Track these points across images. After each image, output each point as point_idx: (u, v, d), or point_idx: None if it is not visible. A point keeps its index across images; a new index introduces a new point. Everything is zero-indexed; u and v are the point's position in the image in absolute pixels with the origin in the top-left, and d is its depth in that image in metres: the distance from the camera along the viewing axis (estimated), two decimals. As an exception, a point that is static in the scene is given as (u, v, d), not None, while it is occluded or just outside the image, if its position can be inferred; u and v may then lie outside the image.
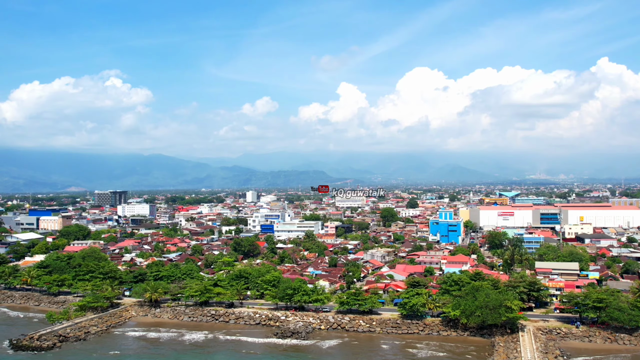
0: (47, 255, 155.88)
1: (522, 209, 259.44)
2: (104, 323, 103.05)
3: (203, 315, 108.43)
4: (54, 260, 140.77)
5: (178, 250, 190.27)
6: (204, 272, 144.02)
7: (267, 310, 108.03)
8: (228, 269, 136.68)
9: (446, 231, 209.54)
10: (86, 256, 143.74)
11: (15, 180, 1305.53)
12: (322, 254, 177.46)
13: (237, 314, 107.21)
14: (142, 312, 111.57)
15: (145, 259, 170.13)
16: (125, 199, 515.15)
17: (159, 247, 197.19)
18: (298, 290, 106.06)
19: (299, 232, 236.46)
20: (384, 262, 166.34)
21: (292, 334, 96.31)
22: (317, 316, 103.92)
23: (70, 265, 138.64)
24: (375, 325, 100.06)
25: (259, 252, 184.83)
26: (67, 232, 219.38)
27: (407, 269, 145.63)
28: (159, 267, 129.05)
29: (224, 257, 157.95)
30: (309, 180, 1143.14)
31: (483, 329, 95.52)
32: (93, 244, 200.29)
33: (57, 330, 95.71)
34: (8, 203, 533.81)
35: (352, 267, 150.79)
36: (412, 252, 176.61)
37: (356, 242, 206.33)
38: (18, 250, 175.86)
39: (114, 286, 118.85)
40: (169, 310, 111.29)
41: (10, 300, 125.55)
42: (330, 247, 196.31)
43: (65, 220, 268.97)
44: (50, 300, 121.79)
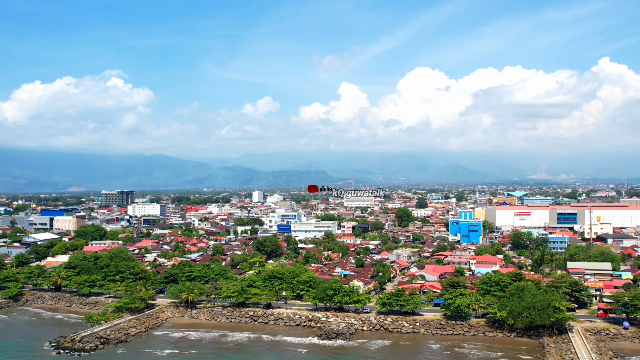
0: (72, 256, 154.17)
1: (539, 209, 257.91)
2: (142, 324, 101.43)
3: (241, 316, 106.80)
4: (81, 260, 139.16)
5: (199, 251, 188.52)
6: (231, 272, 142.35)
7: (306, 311, 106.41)
8: (259, 269, 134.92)
9: (467, 231, 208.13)
10: (113, 256, 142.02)
11: (17, 180, 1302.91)
12: (346, 254, 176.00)
13: (277, 315, 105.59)
14: (178, 313, 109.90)
15: (168, 259, 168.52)
16: (132, 199, 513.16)
17: (179, 247, 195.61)
18: (339, 291, 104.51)
19: (316, 232, 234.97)
20: (410, 262, 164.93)
21: (336, 335, 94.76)
22: (358, 317, 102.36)
23: (98, 265, 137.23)
24: (419, 326, 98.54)
25: (282, 252, 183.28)
26: (84, 232, 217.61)
27: (437, 269, 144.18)
28: (191, 268, 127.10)
29: (254, 258, 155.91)
30: (310, 180, 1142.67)
31: (530, 330, 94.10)
32: (112, 244, 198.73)
33: (97, 332, 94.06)
34: (14, 203, 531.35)
35: (381, 267, 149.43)
36: (436, 252, 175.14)
37: (377, 242, 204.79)
38: (39, 251, 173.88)
39: (147, 287, 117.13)
40: (205, 311, 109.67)
41: (41, 301, 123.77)
42: (352, 247, 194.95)
43: (80, 220, 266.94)
44: (81, 302, 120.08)
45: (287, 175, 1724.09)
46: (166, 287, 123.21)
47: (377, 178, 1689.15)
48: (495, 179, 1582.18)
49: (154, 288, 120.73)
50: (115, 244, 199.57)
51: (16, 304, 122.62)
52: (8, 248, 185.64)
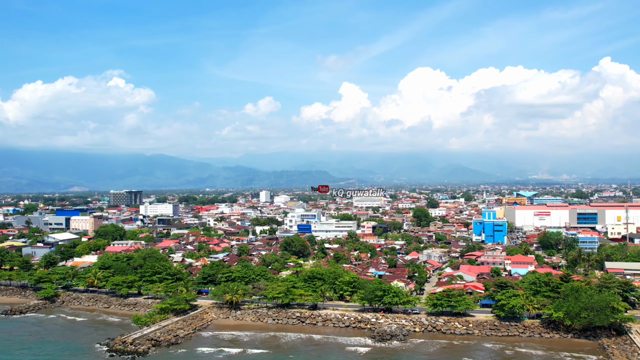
0: (101, 256, 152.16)
1: (559, 209, 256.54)
2: (189, 326, 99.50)
3: (288, 317, 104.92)
4: (114, 261, 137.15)
5: (224, 251, 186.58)
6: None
7: (354, 313, 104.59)
8: (296, 270, 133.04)
9: (492, 231, 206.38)
10: (146, 257, 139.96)
11: (18, 180, 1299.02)
12: (375, 254, 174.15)
13: (324, 316, 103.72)
14: (222, 315, 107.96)
15: (196, 260, 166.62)
16: (141, 199, 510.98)
17: (203, 247, 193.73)
18: (388, 292, 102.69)
19: (337, 232, 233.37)
20: (441, 262, 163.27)
21: (390, 336, 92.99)
22: (409, 318, 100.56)
23: (130, 266, 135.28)
24: (472, 328, 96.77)
25: (308, 252, 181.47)
26: (105, 233, 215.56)
27: (472, 269, 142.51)
28: (230, 268, 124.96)
29: (289, 258, 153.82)
30: (311, 180, 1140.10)
31: (587, 331, 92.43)
32: (134, 244, 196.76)
33: (147, 334, 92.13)
34: (20, 203, 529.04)
35: (415, 267, 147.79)
36: (466, 252, 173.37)
37: (401, 242, 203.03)
38: (65, 251, 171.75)
39: (188, 288, 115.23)
40: (250, 312, 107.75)
41: (77, 302, 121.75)
42: (378, 248, 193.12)
43: (97, 220, 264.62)
44: (120, 303, 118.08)
45: (288, 175, 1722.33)
46: (204, 288, 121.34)
47: (379, 178, 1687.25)
48: (496, 179, 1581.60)
49: (194, 289, 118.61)
50: (138, 244, 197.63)
51: (52, 305, 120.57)
52: (32, 248, 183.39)
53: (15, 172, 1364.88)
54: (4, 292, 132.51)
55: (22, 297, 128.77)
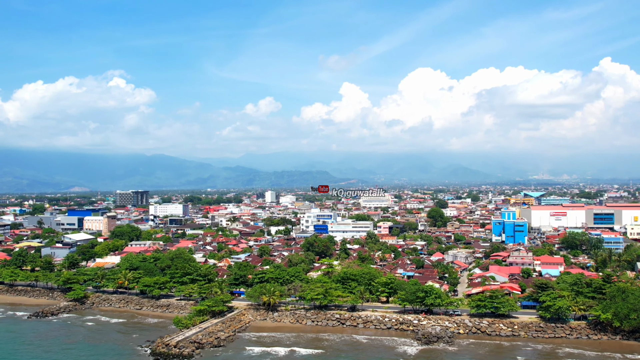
0: (125, 257, 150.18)
1: (575, 209, 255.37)
2: (228, 328, 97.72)
3: (327, 319, 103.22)
4: (141, 261, 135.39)
5: (244, 251, 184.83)
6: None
7: (395, 314, 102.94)
8: (328, 270, 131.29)
9: (512, 231, 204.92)
10: (174, 257, 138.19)
11: (19, 181, 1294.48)
12: (399, 255, 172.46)
13: (364, 318, 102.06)
14: (259, 316, 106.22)
15: (219, 260, 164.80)
16: (147, 199, 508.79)
17: (222, 247, 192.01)
18: (430, 293, 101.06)
19: (354, 233, 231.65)
20: (467, 263, 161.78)
21: (437, 338, 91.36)
22: (451, 320, 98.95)
23: (158, 266, 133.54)
24: (517, 329, 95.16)
25: (331, 252, 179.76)
26: (121, 233, 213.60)
27: (502, 270, 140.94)
28: (264, 270, 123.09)
29: (327, 260, 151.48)
30: (312, 180, 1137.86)
31: (636, 333, 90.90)
32: (152, 245, 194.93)
33: (189, 336, 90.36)
34: (25, 203, 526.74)
35: (443, 268, 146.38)
36: (491, 253, 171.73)
37: (422, 242, 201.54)
38: (85, 252, 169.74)
39: (223, 289, 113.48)
40: (287, 314, 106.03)
41: (107, 304, 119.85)
42: (399, 248, 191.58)
43: (110, 220, 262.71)
44: (152, 304, 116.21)
45: (289, 176, 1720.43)
46: (236, 289, 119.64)
47: (379, 178, 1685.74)
48: (497, 179, 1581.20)
49: (227, 290, 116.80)
50: (156, 245, 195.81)
51: (82, 306, 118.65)
52: (51, 249, 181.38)
53: (15, 172, 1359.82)
54: (30, 293, 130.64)
55: (49, 298, 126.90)
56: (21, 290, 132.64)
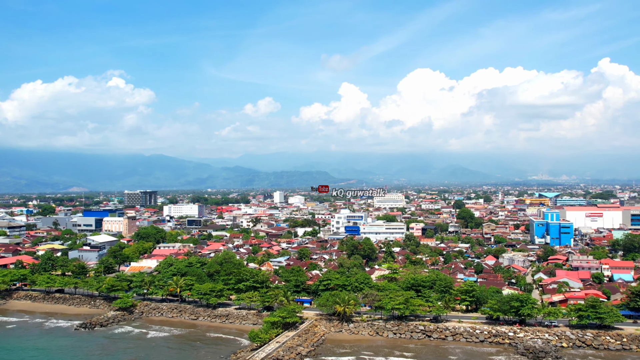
0: (164, 261, 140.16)
1: (611, 210, 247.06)
2: (306, 342, 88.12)
3: (410, 331, 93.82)
4: (187, 266, 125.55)
5: (283, 254, 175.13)
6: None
7: (486, 325, 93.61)
8: (391, 276, 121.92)
9: (557, 233, 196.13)
10: (223, 262, 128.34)
11: (17, 181, 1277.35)
12: (450, 259, 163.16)
13: (452, 330, 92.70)
14: (333, 328, 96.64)
15: (259, 264, 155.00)
16: (155, 199, 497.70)
17: (257, 250, 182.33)
18: (526, 302, 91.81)
19: (387, 234, 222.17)
20: (525, 267, 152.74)
21: (544, 353, 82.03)
22: (551, 332, 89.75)
23: (205, 272, 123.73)
24: (627, 342, 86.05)
25: (376, 256, 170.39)
26: (146, 235, 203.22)
27: (570, 275, 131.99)
28: (328, 275, 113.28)
29: (388, 264, 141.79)
30: (312, 181, 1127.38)
31: None
32: (183, 247, 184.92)
33: (270, 353, 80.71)
34: (29, 204, 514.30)
35: (505, 273, 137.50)
36: (546, 256, 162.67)
37: (465, 245, 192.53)
38: (119, 255, 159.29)
39: (289, 298, 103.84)
40: (365, 325, 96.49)
41: (158, 313, 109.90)
42: (444, 250, 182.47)
43: (131, 221, 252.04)
44: (209, 314, 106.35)
45: (288, 176, 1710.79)
46: (299, 297, 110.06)
47: (378, 179, 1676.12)
48: (496, 179, 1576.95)
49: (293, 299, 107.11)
50: (186, 247, 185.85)
51: (131, 316, 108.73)
52: (79, 252, 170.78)
53: (14, 172, 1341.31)
54: (70, 302, 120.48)
55: (92, 307, 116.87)
56: (59, 297, 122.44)
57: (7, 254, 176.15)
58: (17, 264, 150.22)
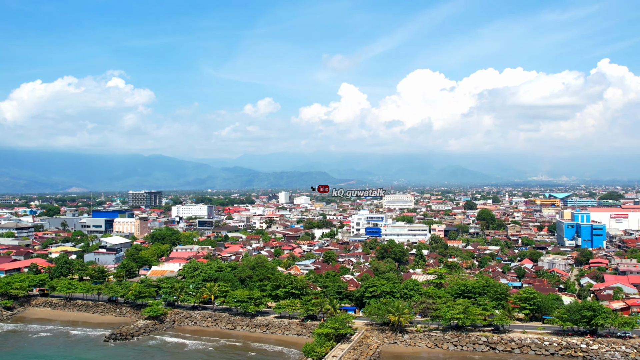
0: (188, 265, 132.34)
1: (636, 211, 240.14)
2: (361, 356, 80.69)
3: (472, 342, 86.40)
4: (217, 271, 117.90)
5: (308, 257, 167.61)
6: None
7: (555, 336, 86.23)
8: (437, 281, 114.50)
9: (589, 235, 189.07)
10: (255, 266, 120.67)
11: (16, 181, 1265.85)
12: (485, 263, 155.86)
13: (519, 341, 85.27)
14: (387, 339, 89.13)
15: (286, 268, 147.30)
16: (160, 200, 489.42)
17: (279, 252, 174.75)
18: (599, 312, 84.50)
19: (409, 236, 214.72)
20: (566, 270, 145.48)
21: (628, 370, 74.90)
22: (628, 344, 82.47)
23: (236, 276, 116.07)
24: None
25: (407, 259, 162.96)
26: (161, 236, 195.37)
27: (620, 279, 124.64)
28: (372, 281, 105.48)
29: (431, 269, 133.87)
30: (311, 181, 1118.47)
31: None
32: (201, 250, 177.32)
33: (330, 368, 73.34)
34: (31, 204, 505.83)
35: (551, 277, 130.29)
36: (584, 259, 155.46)
37: (494, 247, 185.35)
38: (139, 258, 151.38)
39: (335, 306, 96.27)
40: (421, 336, 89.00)
41: (191, 322, 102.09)
42: (474, 253, 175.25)
43: (142, 222, 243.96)
44: (247, 323, 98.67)
45: (288, 177, 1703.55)
46: (342, 305, 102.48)
47: (378, 179, 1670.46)
48: (496, 180, 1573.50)
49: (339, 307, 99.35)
50: (205, 250, 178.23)
51: (162, 325, 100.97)
52: (95, 254, 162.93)
53: (12, 172, 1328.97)
54: (94, 309, 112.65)
55: (118, 314, 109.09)
56: (81, 304, 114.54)
57: (18, 256, 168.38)
58: (31, 268, 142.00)
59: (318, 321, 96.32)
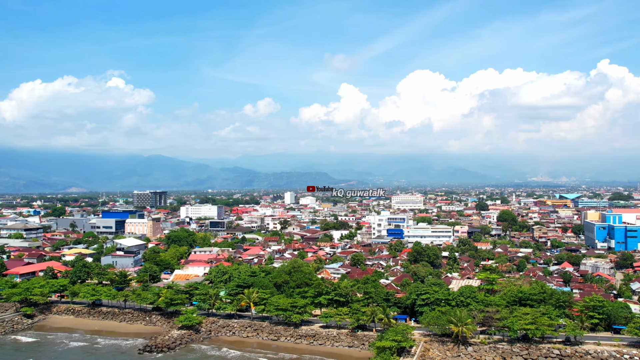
0: (216, 269, 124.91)
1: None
2: (427, 371, 73.46)
3: (544, 355, 79.06)
4: (251, 276, 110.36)
5: (335, 260, 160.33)
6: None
7: (635, 349, 79.05)
8: (489, 287, 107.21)
9: (623, 237, 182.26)
10: (292, 270, 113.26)
11: (15, 181, 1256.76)
12: (525, 267, 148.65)
13: (594, 354, 78.08)
14: (449, 352, 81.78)
15: (316, 272, 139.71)
16: (165, 200, 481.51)
17: (303, 255, 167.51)
18: (684, 323, 77.51)
19: (433, 238, 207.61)
20: (610, 274, 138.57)
21: None
22: None
23: (272, 282, 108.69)
24: None
25: (440, 262, 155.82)
26: (178, 238, 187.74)
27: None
28: (424, 288, 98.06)
29: (484, 273, 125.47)
30: (312, 182, 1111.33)
31: None
32: (221, 252, 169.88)
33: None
34: (33, 204, 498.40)
35: (599, 282, 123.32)
36: (629, 262, 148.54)
37: (526, 250, 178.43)
38: (160, 261, 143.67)
39: (388, 315, 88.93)
40: (486, 348, 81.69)
41: (229, 332, 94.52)
42: (497, 255, 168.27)
43: (155, 223, 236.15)
44: (291, 333, 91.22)
45: (288, 177, 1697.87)
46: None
47: (378, 180, 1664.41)
48: (496, 181, 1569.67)
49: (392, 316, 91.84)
50: (225, 252, 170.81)
51: (198, 335, 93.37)
52: (112, 257, 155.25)
53: (12, 172, 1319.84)
54: (120, 317, 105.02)
55: (147, 323, 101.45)
56: (106, 312, 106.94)
57: (31, 259, 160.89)
58: (47, 272, 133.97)
59: (369, 331, 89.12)
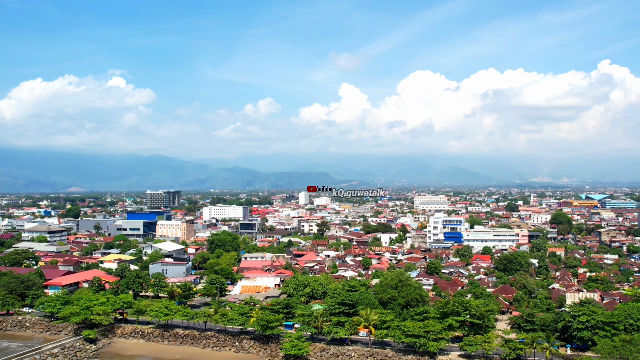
0: (292, 280, 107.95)
1: None
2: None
3: None
4: (348, 291, 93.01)
5: (409, 268, 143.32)
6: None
7: None
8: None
9: None
10: (399, 284, 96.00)
11: (15, 180, 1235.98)
12: (629, 275, 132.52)
13: None
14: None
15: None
16: (179, 200, 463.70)
17: (369, 263, 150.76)
18: None
19: (495, 242, 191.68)
20: None
21: None
22: None
23: (376, 298, 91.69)
24: None
25: (518, 268, 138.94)
26: (222, 242, 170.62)
27: None
28: (581, 309, 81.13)
29: (599, 284, 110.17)
30: (312, 182, 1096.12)
31: None
32: (276, 259, 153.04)
33: None
34: (41, 204, 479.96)
35: None
36: None
37: (613, 256, 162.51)
38: (221, 270, 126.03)
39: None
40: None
41: None
42: (584, 263, 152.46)
43: (189, 225, 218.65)
44: (372, 354, 74.37)
45: (288, 177, 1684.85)
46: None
47: (379, 180, 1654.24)
48: (497, 181, 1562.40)
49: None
50: (280, 258, 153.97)
51: None
52: (162, 265, 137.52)
53: (11, 171, 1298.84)
54: (204, 342, 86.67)
55: (238, 350, 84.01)
56: (184, 335, 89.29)
57: (66, 266, 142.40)
58: (93, 283, 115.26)
59: (526, 364, 72.58)
